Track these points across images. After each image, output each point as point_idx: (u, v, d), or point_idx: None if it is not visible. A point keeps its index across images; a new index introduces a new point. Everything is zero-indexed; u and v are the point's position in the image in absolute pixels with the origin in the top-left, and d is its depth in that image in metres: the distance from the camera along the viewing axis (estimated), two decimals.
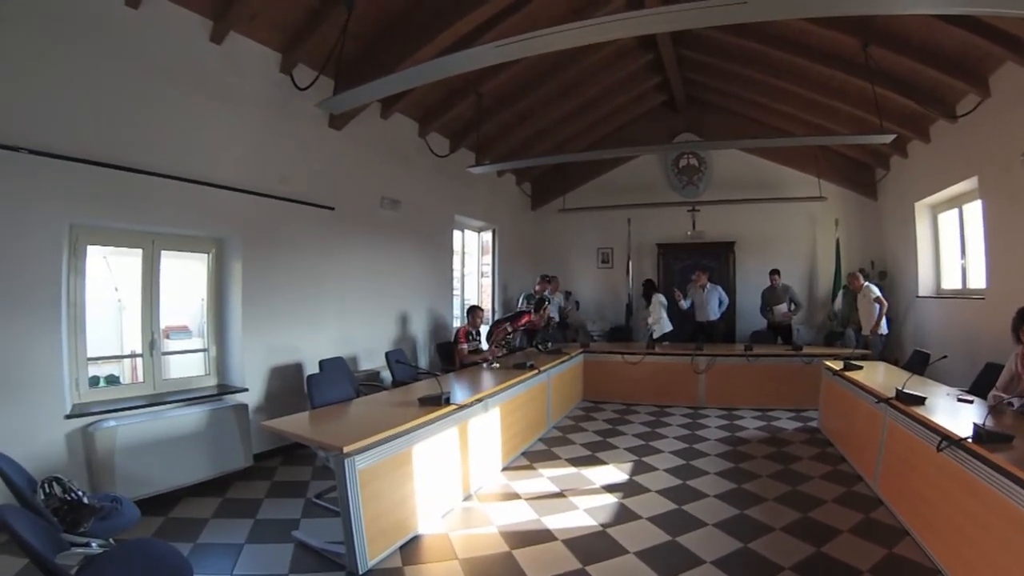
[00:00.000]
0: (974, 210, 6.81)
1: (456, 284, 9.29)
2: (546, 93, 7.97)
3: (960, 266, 7.44)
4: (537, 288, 8.64)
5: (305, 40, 5.21)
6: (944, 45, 5.71)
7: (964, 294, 7.19)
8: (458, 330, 6.74)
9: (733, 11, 3.62)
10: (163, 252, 4.73)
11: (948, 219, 7.78)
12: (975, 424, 3.12)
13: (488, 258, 10.50)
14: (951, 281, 7.75)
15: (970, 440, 3.02)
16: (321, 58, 5.13)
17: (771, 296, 8.75)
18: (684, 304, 8.66)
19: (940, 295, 7.86)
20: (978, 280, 6.73)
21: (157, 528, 3.72)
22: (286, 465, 5.12)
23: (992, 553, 2.74)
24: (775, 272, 8.78)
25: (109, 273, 4.84)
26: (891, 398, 4.19)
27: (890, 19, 5.48)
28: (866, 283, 7.70)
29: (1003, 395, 3.77)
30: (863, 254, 9.43)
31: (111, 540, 2.59)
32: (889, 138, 6.46)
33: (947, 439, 3.23)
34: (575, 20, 3.67)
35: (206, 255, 5.15)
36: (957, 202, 7.39)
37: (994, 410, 3.62)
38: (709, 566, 3.31)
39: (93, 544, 2.39)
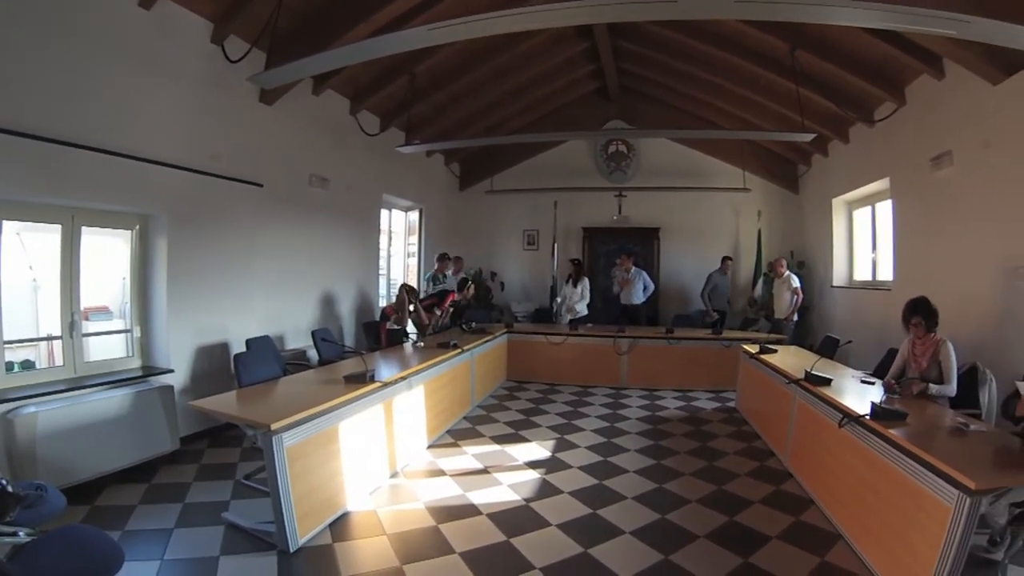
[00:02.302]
0: (885, 208, 7.29)
1: (383, 263, 9.25)
2: (480, 75, 7.98)
3: (871, 259, 7.97)
4: (436, 268, 8.55)
5: (239, 11, 5.05)
6: (867, 55, 6.08)
7: (873, 285, 7.71)
8: (384, 308, 6.75)
9: (664, 8, 3.78)
10: (83, 229, 4.51)
11: (862, 215, 8.29)
12: (873, 403, 3.42)
13: (415, 238, 10.47)
14: (862, 273, 8.28)
15: (867, 417, 3.31)
16: (254, 30, 4.98)
17: (721, 281, 9.06)
18: (616, 289, 8.87)
19: (852, 286, 8.40)
20: (886, 273, 7.23)
21: (83, 517, 3.62)
22: (213, 447, 5.04)
23: (886, 517, 3.03)
24: (729, 259, 9.13)
25: (23, 250, 4.59)
26: (800, 379, 4.49)
27: (818, 27, 5.75)
28: (787, 272, 8.15)
29: (894, 383, 4.12)
30: (783, 245, 9.91)
31: (38, 529, 2.52)
32: (809, 137, 6.84)
33: (847, 416, 3.53)
34: (511, 6, 3.73)
35: (129, 232, 4.96)
36: (870, 200, 7.89)
37: (890, 390, 3.98)
38: (628, 536, 3.50)
39: (20, 533, 2.33)
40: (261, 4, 4.85)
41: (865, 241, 8.23)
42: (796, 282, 8.02)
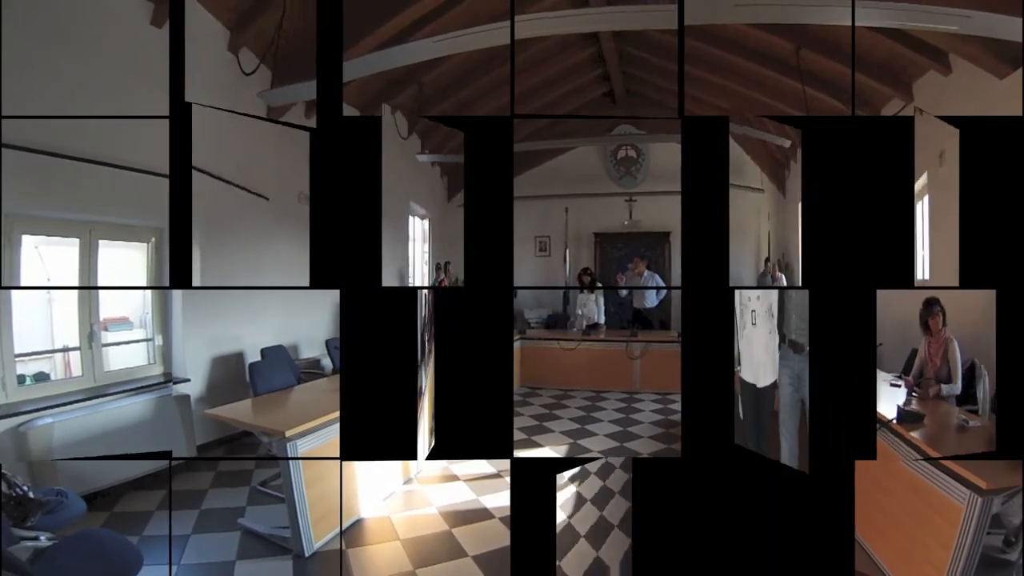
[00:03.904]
0: None
1: (392, 272, 9.24)
2: (487, 82, 8.02)
3: None
4: (442, 279, 8.63)
5: (248, 25, 5.10)
6: (872, 52, 6.05)
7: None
8: None
9: (666, 16, 3.81)
10: (101, 241, 4.60)
11: None
12: (899, 407, 3.43)
13: (427, 246, 10.50)
14: None
15: (894, 422, 3.31)
16: (263, 45, 5.06)
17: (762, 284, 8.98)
18: (624, 293, 8.85)
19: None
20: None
21: (102, 522, 3.67)
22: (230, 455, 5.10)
23: (898, 518, 3.03)
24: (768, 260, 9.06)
25: (41, 264, 4.68)
26: None
27: (823, 27, 5.75)
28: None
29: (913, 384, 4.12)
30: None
31: (58, 534, 2.59)
32: None
33: (879, 422, 3.48)
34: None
35: (146, 244, 5.05)
36: None
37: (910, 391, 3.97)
38: None
39: (42, 537, 2.40)
40: (268, 21, 4.93)
41: None
42: None
